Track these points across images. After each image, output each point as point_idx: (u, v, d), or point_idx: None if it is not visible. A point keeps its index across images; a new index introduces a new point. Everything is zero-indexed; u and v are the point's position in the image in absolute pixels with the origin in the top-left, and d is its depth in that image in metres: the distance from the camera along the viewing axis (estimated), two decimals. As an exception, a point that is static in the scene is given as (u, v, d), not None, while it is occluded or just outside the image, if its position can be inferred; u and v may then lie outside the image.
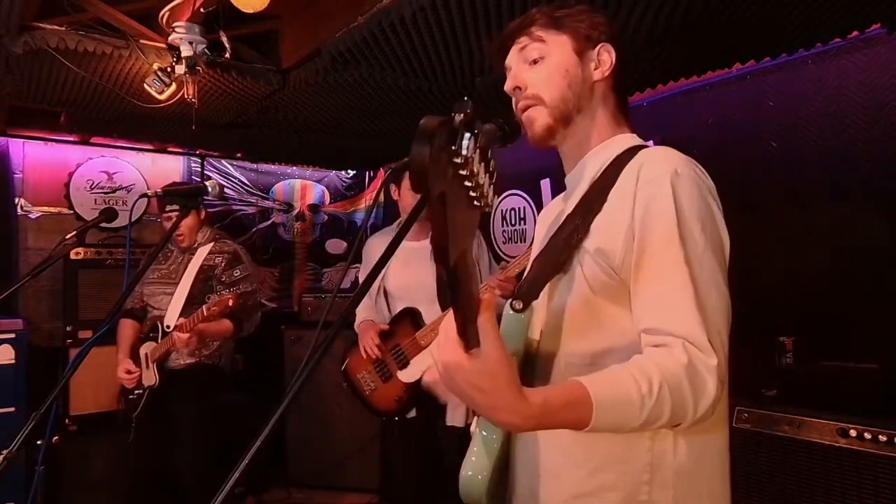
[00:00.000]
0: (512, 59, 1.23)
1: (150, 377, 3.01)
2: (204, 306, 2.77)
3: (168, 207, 3.03)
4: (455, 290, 0.72)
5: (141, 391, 3.03)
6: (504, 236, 4.20)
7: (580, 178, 1.21)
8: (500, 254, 4.23)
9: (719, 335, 0.97)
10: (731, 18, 2.15)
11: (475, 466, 1.12)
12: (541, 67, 1.18)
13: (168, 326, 2.99)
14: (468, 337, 0.81)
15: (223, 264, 3.06)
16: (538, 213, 3.85)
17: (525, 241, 4.03)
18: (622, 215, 1.05)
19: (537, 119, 1.18)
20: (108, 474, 3.60)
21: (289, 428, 4.24)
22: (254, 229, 5.00)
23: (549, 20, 1.20)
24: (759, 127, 2.83)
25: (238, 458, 0.84)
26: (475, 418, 1.20)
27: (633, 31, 2.22)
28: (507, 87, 1.21)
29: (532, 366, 1.17)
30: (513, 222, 4.12)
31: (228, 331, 2.96)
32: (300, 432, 4.21)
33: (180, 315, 2.98)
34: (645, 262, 1.02)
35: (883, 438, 1.86)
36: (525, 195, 4.01)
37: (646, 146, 1.18)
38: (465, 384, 0.81)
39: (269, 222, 5.13)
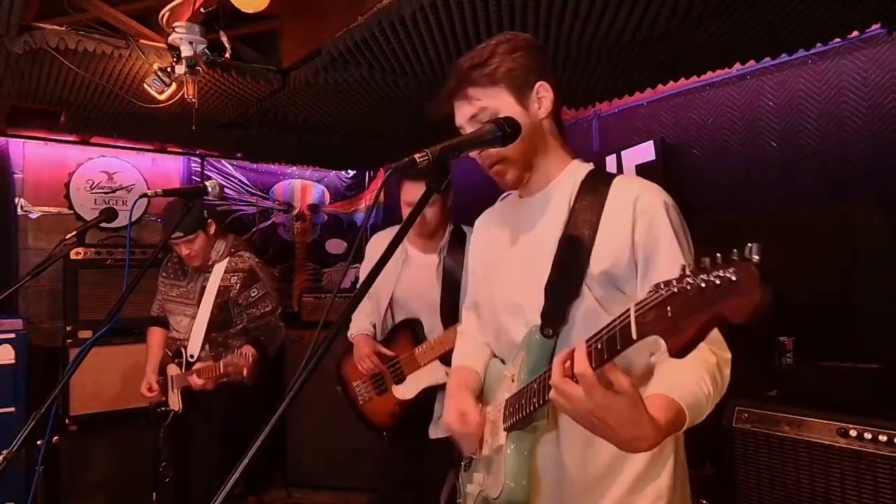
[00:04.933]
0: (463, 121, 1.28)
1: (175, 402, 2.94)
2: (222, 362, 2.66)
3: (173, 236, 2.76)
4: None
5: (167, 409, 2.98)
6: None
7: (546, 204, 1.32)
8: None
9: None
10: (731, 18, 2.15)
11: (515, 478, 1.23)
12: None
13: (192, 356, 2.88)
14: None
15: (238, 285, 2.86)
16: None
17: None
18: (622, 241, 1.20)
19: (506, 173, 1.29)
20: (108, 474, 3.60)
21: (289, 428, 4.24)
22: (254, 229, 5.00)
23: (481, 78, 1.24)
24: (759, 127, 2.83)
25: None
26: (504, 434, 1.26)
27: (634, 31, 2.22)
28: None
29: None
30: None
31: (254, 358, 2.75)
32: (300, 432, 4.21)
33: (204, 343, 2.87)
34: (658, 274, 1.14)
35: (883, 438, 1.86)
36: (525, 195, 4.00)
37: (612, 174, 1.31)
38: (614, 421, 0.97)
39: (269, 222, 5.13)
